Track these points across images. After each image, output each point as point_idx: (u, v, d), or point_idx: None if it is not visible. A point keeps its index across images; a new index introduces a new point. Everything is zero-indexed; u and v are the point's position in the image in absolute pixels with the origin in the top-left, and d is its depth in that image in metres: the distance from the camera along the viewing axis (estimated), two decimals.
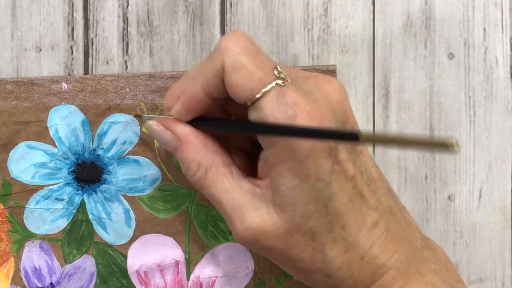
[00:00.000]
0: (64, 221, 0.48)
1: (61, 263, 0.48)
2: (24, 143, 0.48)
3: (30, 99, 0.48)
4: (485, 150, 0.49)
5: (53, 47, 0.49)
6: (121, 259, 0.48)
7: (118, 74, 0.48)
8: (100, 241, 0.48)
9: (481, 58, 0.49)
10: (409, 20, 0.49)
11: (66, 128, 0.48)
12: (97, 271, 0.48)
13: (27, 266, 0.48)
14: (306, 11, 0.49)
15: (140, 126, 0.47)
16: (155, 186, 0.48)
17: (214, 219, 0.48)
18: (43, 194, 0.48)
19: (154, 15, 0.49)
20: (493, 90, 0.49)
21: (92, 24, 0.49)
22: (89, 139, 0.48)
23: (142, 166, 0.48)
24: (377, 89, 0.49)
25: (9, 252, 0.48)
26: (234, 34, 0.41)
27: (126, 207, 0.48)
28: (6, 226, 0.48)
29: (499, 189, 0.49)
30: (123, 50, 0.49)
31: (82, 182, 0.48)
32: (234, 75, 0.40)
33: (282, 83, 0.40)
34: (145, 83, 0.48)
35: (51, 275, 0.48)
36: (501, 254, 0.49)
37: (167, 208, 0.48)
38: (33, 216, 0.48)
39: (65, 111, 0.48)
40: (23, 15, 0.49)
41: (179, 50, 0.49)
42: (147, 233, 0.48)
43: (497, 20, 0.49)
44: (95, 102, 0.48)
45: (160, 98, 0.48)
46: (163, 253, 0.48)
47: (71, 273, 0.48)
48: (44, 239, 0.48)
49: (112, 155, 0.48)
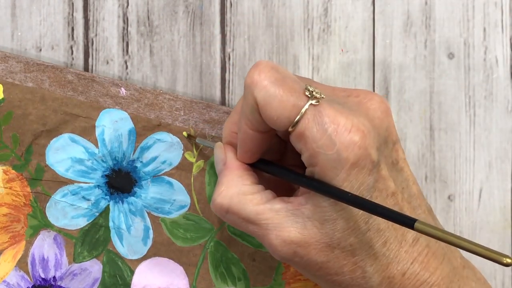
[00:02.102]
0: (84, 220, 0.48)
1: (69, 260, 0.48)
2: (68, 135, 0.48)
3: (86, 94, 0.48)
4: (485, 150, 0.49)
5: (53, 47, 0.49)
6: (128, 274, 0.48)
7: (177, 95, 0.48)
8: (113, 250, 0.48)
9: (481, 58, 0.49)
10: (409, 20, 0.49)
11: (112, 132, 0.48)
12: (101, 278, 0.48)
13: (36, 253, 0.48)
14: (306, 11, 0.49)
15: (185, 149, 0.47)
16: (181, 212, 0.48)
17: (228, 261, 0.48)
18: (72, 189, 0.48)
19: (154, 15, 0.49)
20: (493, 90, 0.49)
21: (92, 24, 0.49)
22: (131, 149, 0.48)
23: (174, 189, 0.48)
24: (377, 89, 0.49)
25: (22, 235, 0.48)
26: (258, 67, 0.41)
27: (147, 224, 0.48)
28: (27, 209, 0.48)
29: (499, 189, 0.49)
30: (123, 50, 0.49)
31: (112, 189, 0.48)
32: (268, 109, 0.40)
33: (316, 103, 0.40)
34: (200, 110, 0.48)
35: (56, 269, 0.48)
36: None
37: (186, 237, 0.48)
38: (56, 207, 0.48)
39: (116, 116, 0.48)
40: (23, 15, 0.49)
41: (179, 50, 0.49)
42: (161, 256, 0.48)
43: (497, 20, 0.49)
44: (147, 115, 0.48)
45: (211, 130, 0.48)
46: (170, 280, 0.48)
47: (76, 273, 0.48)
48: (60, 232, 0.48)
49: (148, 170, 0.48)
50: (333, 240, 0.40)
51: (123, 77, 0.49)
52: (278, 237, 0.41)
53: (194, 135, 0.47)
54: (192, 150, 0.48)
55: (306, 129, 0.39)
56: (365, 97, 0.42)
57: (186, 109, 0.48)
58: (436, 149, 0.49)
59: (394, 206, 0.41)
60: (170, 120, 0.48)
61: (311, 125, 0.39)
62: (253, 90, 0.40)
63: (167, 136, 0.48)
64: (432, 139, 0.49)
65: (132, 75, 0.49)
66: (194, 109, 0.48)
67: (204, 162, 0.48)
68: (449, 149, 0.49)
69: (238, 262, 0.48)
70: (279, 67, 0.41)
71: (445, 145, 0.49)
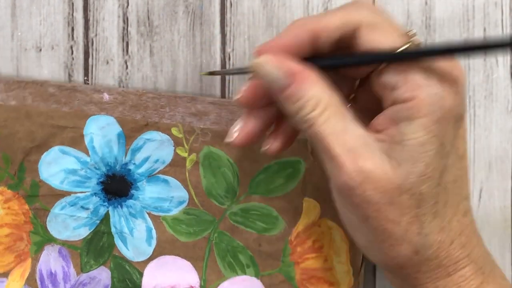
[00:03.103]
0: (86, 230, 0.48)
1: (77, 271, 0.48)
2: (58, 147, 0.48)
3: (70, 104, 0.48)
4: (485, 150, 0.49)
5: (53, 47, 0.49)
6: (137, 276, 0.48)
7: (161, 93, 0.48)
8: (119, 255, 0.48)
9: (481, 58, 0.49)
10: (409, 20, 0.49)
11: (101, 139, 0.48)
12: (111, 284, 0.48)
13: (43, 269, 0.48)
14: (306, 11, 0.49)
15: (176, 145, 0.47)
16: (181, 208, 0.48)
17: (234, 249, 0.48)
18: (70, 200, 0.48)
19: (154, 15, 0.49)
20: (493, 90, 0.49)
21: (92, 24, 0.49)
22: (122, 153, 0.48)
23: (170, 186, 0.48)
24: None
25: (27, 253, 0.48)
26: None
27: (149, 225, 0.48)
28: (29, 227, 0.48)
29: (499, 189, 0.49)
30: (123, 50, 0.49)
31: (110, 194, 0.48)
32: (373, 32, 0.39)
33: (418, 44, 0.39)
34: (185, 105, 0.48)
35: (65, 282, 0.48)
36: (501, 254, 0.49)
37: (189, 232, 0.48)
38: (57, 220, 0.48)
39: (103, 122, 0.48)
40: (23, 15, 0.49)
41: (179, 50, 0.49)
42: (167, 254, 0.48)
43: (497, 20, 0.49)
44: (134, 116, 0.48)
45: (198, 122, 0.48)
46: (179, 277, 0.48)
47: (86, 283, 0.48)
48: (64, 245, 0.48)
49: (142, 171, 0.48)
50: (406, 183, 0.38)
51: (123, 77, 0.49)
52: (353, 161, 0.38)
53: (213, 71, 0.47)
54: (183, 145, 0.48)
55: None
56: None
57: (171, 105, 0.48)
58: None
59: (460, 170, 0.40)
60: (156, 118, 0.48)
61: None
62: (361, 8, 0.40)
63: (156, 134, 0.48)
64: None
65: (132, 75, 0.49)
66: (179, 104, 0.48)
67: (197, 155, 0.48)
68: None
69: (244, 249, 0.48)
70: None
71: None
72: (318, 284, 0.48)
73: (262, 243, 0.48)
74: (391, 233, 0.39)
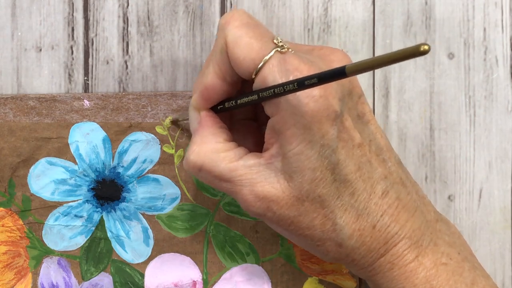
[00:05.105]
0: (82, 238, 0.48)
1: (78, 280, 0.48)
2: (45, 159, 0.48)
3: (51, 115, 0.48)
4: (485, 150, 0.49)
5: (53, 47, 0.49)
6: (139, 278, 0.48)
7: (140, 93, 0.48)
8: (118, 259, 0.48)
9: (481, 58, 0.49)
10: (409, 20, 0.49)
11: (87, 145, 0.48)
12: None
13: (44, 282, 0.48)
14: (306, 11, 0.49)
15: (162, 142, 0.47)
16: (174, 205, 0.48)
17: (232, 239, 0.48)
18: (63, 210, 0.48)
19: (154, 15, 0.49)
20: (493, 90, 0.49)
21: (92, 24, 0.49)
22: (109, 157, 0.48)
23: (161, 185, 0.48)
24: (377, 89, 0.49)
25: (27, 268, 0.48)
26: (233, 12, 0.42)
27: (144, 225, 0.48)
28: (25, 241, 0.48)
29: (499, 189, 0.49)
30: (123, 50, 0.49)
31: (102, 200, 0.48)
32: (235, 49, 0.40)
33: (282, 50, 0.40)
34: (166, 102, 0.48)
35: None
36: (501, 254, 0.49)
37: (185, 228, 0.48)
38: (52, 232, 0.48)
39: (87, 128, 0.48)
40: (23, 15, 0.49)
41: (179, 50, 0.49)
42: (165, 252, 0.48)
43: (497, 20, 0.49)
44: (116, 120, 0.48)
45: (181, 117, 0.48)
46: (181, 273, 0.48)
47: None
48: (62, 255, 0.48)
49: (132, 173, 0.48)
50: (302, 192, 0.41)
51: (123, 77, 0.49)
52: (251, 192, 0.41)
53: (175, 119, 0.47)
54: (169, 142, 0.48)
55: (270, 73, 0.40)
56: (328, 51, 0.42)
57: (152, 104, 0.48)
58: (436, 149, 0.49)
59: (361, 157, 0.41)
60: (139, 118, 0.48)
61: (274, 70, 0.40)
62: (224, 30, 0.41)
63: (140, 135, 0.48)
64: (432, 139, 0.49)
65: (132, 75, 0.49)
66: (160, 101, 0.48)
67: (184, 150, 0.48)
68: (449, 149, 0.49)
69: (242, 238, 0.48)
70: (253, 16, 0.42)
71: (445, 145, 0.49)
72: (319, 263, 0.48)
73: (259, 230, 0.48)
74: (311, 237, 0.42)
